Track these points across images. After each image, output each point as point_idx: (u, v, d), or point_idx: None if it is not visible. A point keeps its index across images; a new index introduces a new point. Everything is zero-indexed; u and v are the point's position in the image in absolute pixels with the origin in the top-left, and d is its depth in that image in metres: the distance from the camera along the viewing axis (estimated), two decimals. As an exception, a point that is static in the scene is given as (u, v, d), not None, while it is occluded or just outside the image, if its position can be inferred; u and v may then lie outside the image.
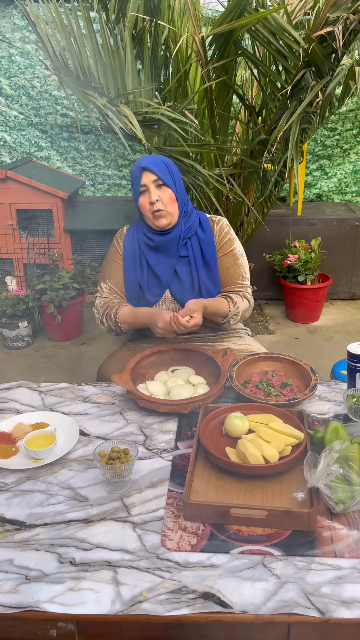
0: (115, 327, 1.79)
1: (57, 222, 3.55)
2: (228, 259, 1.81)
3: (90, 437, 1.44)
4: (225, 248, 1.81)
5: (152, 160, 1.70)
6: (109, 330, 1.82)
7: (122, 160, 4.05)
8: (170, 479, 1.27)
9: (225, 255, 1.81)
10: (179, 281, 1.80)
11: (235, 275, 1.82)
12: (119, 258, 1.84)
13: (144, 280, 1.80)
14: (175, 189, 1.72)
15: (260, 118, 2.82)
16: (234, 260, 1.82)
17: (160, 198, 1.69)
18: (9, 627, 1.02)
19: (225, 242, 1.82)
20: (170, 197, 1.71)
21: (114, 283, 1.84)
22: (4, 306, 3.19)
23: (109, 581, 1.00)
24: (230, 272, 1.81)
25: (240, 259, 1.84)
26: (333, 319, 3.57)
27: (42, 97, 3.88)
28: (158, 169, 1.69)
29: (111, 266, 1.85)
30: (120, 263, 1.83)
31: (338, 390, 1.62)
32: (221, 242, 1.81)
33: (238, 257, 1.83)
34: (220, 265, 1.81)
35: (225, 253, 1.81)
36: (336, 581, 0.99)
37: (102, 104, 2.11)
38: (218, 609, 0.95)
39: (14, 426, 1.46)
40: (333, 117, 3.84)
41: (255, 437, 1.31)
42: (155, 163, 1.70)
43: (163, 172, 1.69)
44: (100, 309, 1.82)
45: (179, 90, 2.74)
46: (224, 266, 1.81)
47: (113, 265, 1.84)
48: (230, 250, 1.82)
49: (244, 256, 1.86)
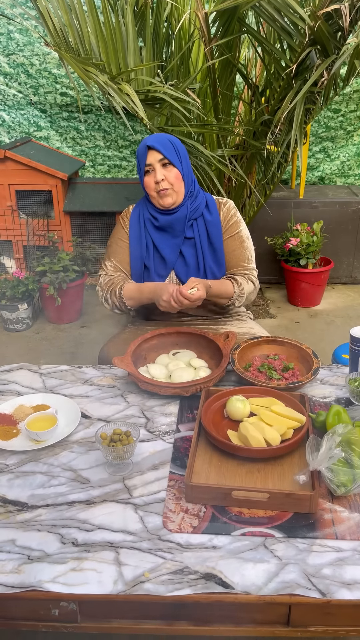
0: (120, 303, 1.77)
1: (57, 204, 3.51)
2: (234, 242, 1.80)
3: (92, 419, 1.43)
4: (231, 230, 1.80)
5: (158, 139, 1.68)
6: (113, 307, 1.80)
7: (123, 141, 3.99)
8: (171, 461, 1.27)
9: (231, 238, 1.80)
10: (184, 263, 1.78)
11: (241, 258, 1.80)
12: (124, 237, 1.82)
13: (150, 261, 1.79)
14: (181, 168, 1.70)
15: (263, 98, 2.78)
16: (240, 242, 1.80)
17: (166, 177, 1.68)
18: (12, 607, 1.03)
19: (232, 225, 1.80)
20: (176, 176, 1.69)
21: (118, 261, 1.82)
22: (4, 288, 3.18)
23: (111, 562, 1.01)
24: (236, 254, 1.80)
25: (246, 241, 1.82)
26: (334, 303, 3.56)
27: (42, 76, 3.81)
28: (164, 147, 1.67)
29: (116, 244, 1.83)
30: (125, 242, 1.82)
31: (340, 374, 1.62)
32: (227, 224, 1.80)
33: (244, 240, 1.82)
34: (226, 248, 1.80)
35: (231, 235, 1.80)
36: (337, 563, 1.00)
37: (104, 82, 2.07)
38: (219, 590, 0.96)
39: (15, 408, 1.46)
40: (337, 98, 3.78)
41: (257, 420, 1.31)
42: (161, 142, 1.68)
43: (169, 150, 1.67)
44: (104, 286, 1.80)
45: (181, 69, 2.69)
46: (229, 248, 1.80)
47: (118, 243, 1.83)
48: (237, 233, 1.80)
49: (250, 239, 1.85)
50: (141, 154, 1.70)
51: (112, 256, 1.83)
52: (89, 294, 3.62)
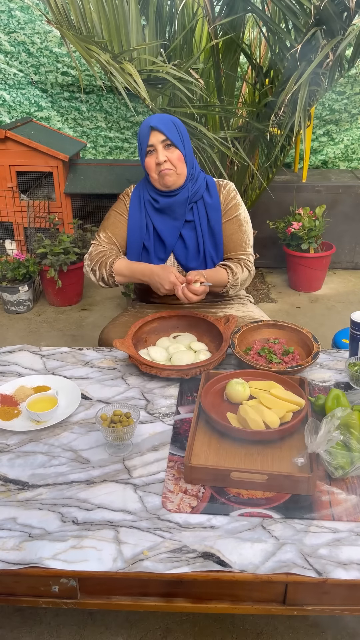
0: (109, 277, 1.72)
1: (58, 185, 3.48)
2: (232, 225, 1.79)
3: (92, 400, 1.44)
4: (230, 213, 1.79)
5: (161, 120, 1.66)
6: (99, 279, 1.74)
7: (125, 122, 3.95)
8: (171, 442, 1.28)
9: (229, 221, 1.79)
10: (184, 245, 1.78)
11: (239, 242, 1.79)
12: (124, 212, 1.81)
13: (150, 243, 1.78)
14: (183, 149, 1.69)
15: (267, 79, 2.74)
16: (239, 226, 1.79)
17: (168, 158, 1.66)
18: (13, 583, 1.05)
19: (231, 207, 1.79)
20: (178, 157, 1.68)
21: (113, 234, 1.79)
22: (4, 270, 3.17)
23: (110, 540, 1.02)
24: (234, 238, 1.79)
25: (244, 225, 1.81)
26: (335, 288, 3.55)
27: (43, 54, 3.76)
28: (167, 128, 1.65)
29: (114, 217, 1.81)
30: (125, 217, 1.80)
31: (340, 359, 1.62)
32: (227, 206, 1.79)
33: (242, 224, 1.80)
34: (225, 231, 1.78)
35: (229, 218, 1.79)
36: (334, 543, 1.01)
37: (106, 61, 2.04)
38: (217, 568, 0.97)
39: (15, 389, 1.47)
40: (342, 80, 3.73)
41: (257, 403, 1.31)
42: (164, 122, 1.66)
43: (172, 131, 1.66)
44: (94, 256, 1.75)
45: (185, 49, 2.65)
46: (228, 232, 1.79)
47: (117, 217, 1.81)
48: (235, 216, 1.79)
49: (249, 222, 1.83)
50: (143, 134, 1.68)
51: (108, 228, 1.80)
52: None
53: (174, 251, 1.79)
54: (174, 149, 1.67)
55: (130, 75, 2.08)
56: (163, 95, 2.56)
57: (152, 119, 1.67)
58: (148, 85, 2.33)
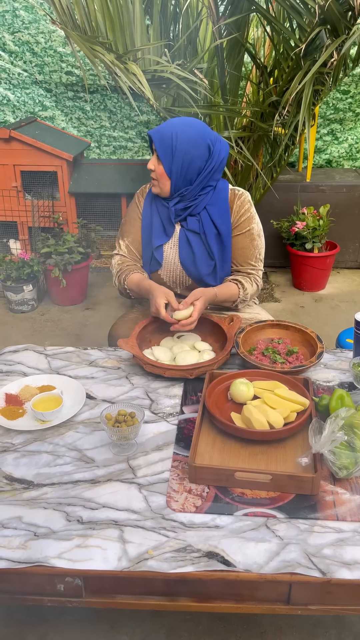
0: (123, 290, 1.80)
1: (62, 185, 3.49)
2: (244, 239, 1.76)
3: (97, 400, 1.45)
4: (242, 227, 1.75)
5: (161, 131, 1.64)
6: (120, 292, 1.83)
7: (129, 121, 3.95)
8: (175, 442, 1.28)
9: (242, 235, 1.75)
10: (191, 252, 1.75)
11: (250, 257, 1.77)
12: (138, 215, 1.81)
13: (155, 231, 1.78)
14: (169, 167, 1.64)
15: (272, 79, 2.74)
16: (251, 240, 1.76)
17: (155, 168, 1.66)
18: (18, 582, 1.06)
19: (244, 221, 1.75)
20: (161, 173, 1.66)
21: (131, 241, 1.81)
22: (9, 269, 3.18)
23: (115, 539, 1.03)
24: (245, 252, 1.76)
25: (257, 239, 1.77)
26: (339, 287, 3.55)
27: (47, 54, 3.76)
28: (160, 141, 1.63)
29: (130, 224, 1.82)
30: (138, 220, 1.80)
31: (344, 359, 1.62)
32: (240, 219, 1.74)
33: (255, 238, 1.77)
34: (235, 244, 1.75)
35: (242, 232, 1.75)
36: (338, 543, 1.01)
37: (110, 61, 2.04)
38: (221, 567, 0.98)
39: (20, 388, 1.47)
40: (346, 79, 3.72)
41: (261, 403, 1.32)
42: (161, 134, 1.63)
43: (163, 146, 1.62)
44: (116, 267, 1.82)
45: (189, 48, 2.65)
46: (239, 245, 1.76)
47: (132, 222, 1.82)
48: (248, 230, 1.75)
49: (262, 237, 1.79)
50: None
51: (125, 235, 1.82)
52: (94, 276, 3.62)
53: (181, 258, 1.77)
54: (160, 164, 1.65)
55: (135, 75, 2.08)
56: (167, 95, 2.56)
57: (162, 125, 1.66)
58: (152, 85, 2.33)
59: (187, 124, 1.65)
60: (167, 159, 1.64)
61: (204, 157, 1.65)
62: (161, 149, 1.63)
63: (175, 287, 1.84)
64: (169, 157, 1.63)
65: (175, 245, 1.78)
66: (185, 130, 1.62)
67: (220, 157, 1.68)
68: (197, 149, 1.63)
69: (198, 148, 1.63)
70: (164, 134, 1.63)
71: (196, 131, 1.63)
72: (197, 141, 1.63)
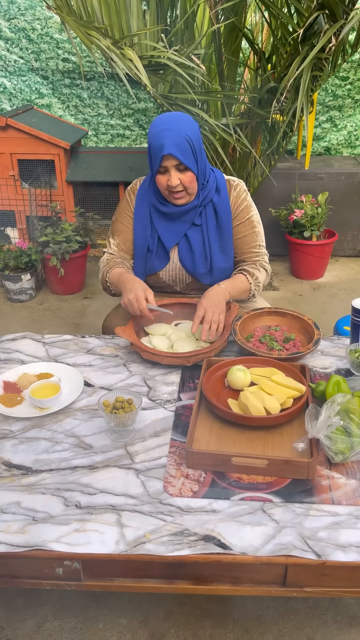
0: (105, 285, 1.76)
1: (60, 173, 3.47)
2: (244, 227, 1.74)
3: (95, 387, 1.45)
4: (241, 216, 1.73)
5: (176, 143, 1.54)
6: (104, 288, 1.78)
7: (126, 109, 3.92)
8: (173, 428, 1.29)
9: (241, 224, 1.74)
10: (189, 248, 1.73)
11: (252, 244, 1.75)
12: (129, 213, 1.77)
13: (153, 244, 1.75)
14: (196, 168, 1.60)
15: (270, 65, 2.71)
16: (251, 228, 1.75)
17: (181, 181, 1.60)
18: (18, 566, 1.07)
19: (242, 210, 1.73)
20: (191, 179, 1.60)
21: (121, 240, 1.78)
22: (7, 258, 3.17)
23: (113, 523, 1.04)
24: (247, 240, 1.75)
25: (257, 226, 1.76)
26: (337, 275, 3.55)
27: (43, 41, 3.72)
28: (182, 153, 1.55)
29: (120, 222, 1.78)
30: (130, 218, 1.77)
31: (341, 346, 1.63)
32: (237, 209, 1.73)
33: (255, 225, 1.75)
34: (236, 234, 1.74)
35: (241, 221, 1.74)
36: (333, 526, 1.03)
37: (106, 46, 2.02)
38: (218, 551, 0.99)
39: (19, 376, 1.48)
40: (345, 65, 3.69)
41: (257, 390, 1.32)
42: (179, 145, 1.54)
43: (186, 155, 1.56)
44: (104, 263, 1.78)
45: (186, 34, 2.62)
46: (240, 234, 1.74)
47: (122, 220, 1.78)
48: (247, 219, 1.74)
49: (260, 223, 1.78)
50: (155, 151, 1.57)
51: (116, 234, 1.79)
52: (92, 265, 3.62)
53: (179, 254, 1.75)
54: (188, 171, 1.59)
55: (131, 61, 2.06)
56: (164, 82, 2.54)
57: (166, 141, 1.53)
58: (149, 72, 2.31)
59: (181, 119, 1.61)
60: (193, 162, 1.59)
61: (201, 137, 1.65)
62: (186, 158, 1.56)
63: (175, 285, 1.83)
64: (194, 160, 1.59)
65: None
66: (187, 125, 1.59)
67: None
68: (199, 134, 1.63)
69: (198, 132, 1.63)
70: (180, 144, 1.55)
71: (190, 120, 1.63)
72: (197, 128, 1.63)
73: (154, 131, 1.58)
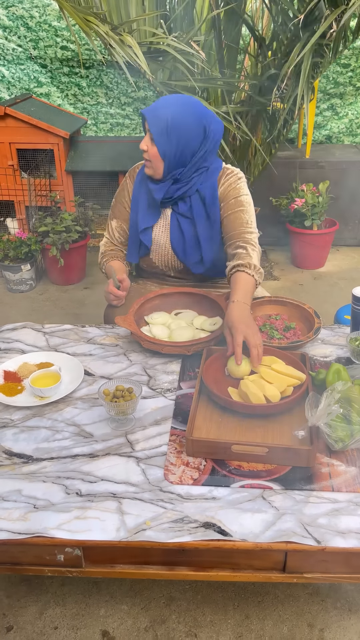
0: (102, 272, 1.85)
1: (59, 163, 3.45)
2: (231, 206, 1.67)
3: (95, 376, 1.45)
4: (229, 196, 1.68)
5: (155, 111, 1.57)
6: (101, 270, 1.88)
7: (125, 98, 3.89)
8: (173, 417, 1.29)
9: (227, 204, 1.68)
10: (181, 235, 1.72)
11: (238, 220, 1.66)
12: (127, 197, 1.79)
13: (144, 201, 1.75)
14: (164, 148, 1.58)
15: (270, 51, 2.69)
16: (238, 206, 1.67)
17: (148, 148, 1.61)
18: (19, 553, 1.07)
19: (230, 191, 1.68)
20: (154, 154, 1.60)
21: (119, 223, 1.82)
22: (6, 249, 3.17)
23: (113, 511, 1.04)
24: (232, 217, 1.67)
25: (246, 206, 1.69)
26: (338, 265, 3.54)
27: (42, 28, 3.69)
28: (154, 122, 1.56)
29: (119, 205, 1.81)
30: (128, 202, 1.79)
31: (341, 334, 1.63)
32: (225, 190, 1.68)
33: (243, 204, 1.68)
34: (223, 213, 1.69)
35: (228, 201, 1.68)
36: (332, 513, 1.03)
37: (105, 32, 2.00)
38: (218, 537, 0.99)
39: (19, 365, 1.48)
40: (346, 52, 3.65)
41: (257, 378, 1.32)
42: (155, 114, 1.56)
43: (157, 127, 1.56)
44: (102, 247, 1.86)
45: (185, 20, 2.60)
46: (226, 213, 1.68)
47: (122, 203, 1.81)
48: (235, 198, 1.67)
49: (252, 205, 1.72)
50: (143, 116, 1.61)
51: (115, 217, 1.83)
52: (92, 255, 3.61)
53: (172, 242, 1.74)
54: (153, 145, 1.59)
55: (130, 47, 2.04)
56: (164, 69, 2.52)
57: (154, 105, 1.59)
58: (148, 58, 2.29)
59: (183, 103, 1.59)
60: (161, 141, 1.57)
61: (199, 138, 1.60)
62: (155, 130, 1.56)
63: (168, 271, 1.83)
64: (163, 139, 1.57)
65: (167, 228, 1.75)
66: (181, 111, 1.56)
67: (216, 139, 1.63)
68: (193, 131, 1.57)
69: (194, 130, 1.58)
70: (158, 114, 1.56)
71: (192, 111, 1.58)
72: (193, 123, 1.57)
73: None
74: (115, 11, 2.31)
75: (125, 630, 1.44)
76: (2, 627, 1.45)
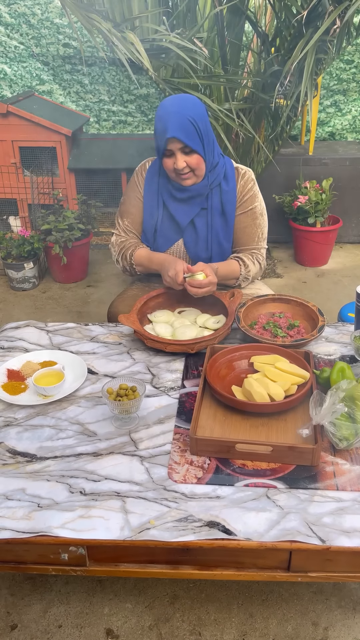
0: (130, 268, 1.78)
1: (61, 161, 3.45)
2: (247, 218, 1.73)
3: (98, 375, 1.45)
4: (245, 205, 1.72)
5: (180, 125, 1.53)
6: (124, 270, 1.81)
7: (128, 95, 3.88)
8: (177, 415, 1.29)
9: (244, 214, 1.73)
10: (194, 231, 1.73)
11: (252, 236, 1.75)
12: (138, 195, 1.77)
13: (161, 224, 1.74)
14: (203, 150, 1.59)
15: (273, 48, 2.68)
16: (253, 219, 1.74)
17: (187, 162, 1.59)
18: (23, 552, 1.07)
19: (247, 199, 1.72)
20: (197, 161, 1.60)
21: (130, 222, 1.79)
22: (9, 247, 3.17)
23: (117, 510, 1.04)
24: (248, 231, 1.74)
25: (259, 218, 1.75)
26: (342, 262, 3.53)
27: (44, 26, 3.68)
28: (186, 135, 1.54)
29: (129, 203, 1.79)
30: (140, 200, 1.77)
31: (345, 332, 1.62)
32: (243, 198, 1.72)
33: (257, 217, 1.74)
34: (238, 224, 1.73)
35: (244, 211, 1.73)
36: (337, 512, 1.03)
37: (107, 29, 1.99)
38: (222, 536, 0.99)
39: (22, 364, 1.48)
40: (350, 49, 3.63)
41: (261, 377, 1.32)
42: (184, 128, 1.53)
43: (191, 137, 1.55)
44: (116, 247, 1.80)
45: (188, 16, 2.58)
46: (241, 224, 1.73)
47: (132, 202, 1.78)
48: (251, 209, 1.73)
49: (264, 215, 1.77)
50: (160, 134, 1.57)
51: (125, 215, 1.79)
52: (95, 253, 3.61)
53: (184, 238, 1.75)
54: (194, 154, 1.59)
55: (133, 44, 2.03)
56: (166, 66, 2.51)
57: (170, 122, 1.53)
58: (151, 56, 2.28)
59: (185, 101, 1.60)
60: (199, 145, 1.58)
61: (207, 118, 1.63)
62: (191, 140, 1.56)
63: None
64: (200, 142, 1.58)
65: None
66: (192, 107, 1.58)
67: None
68: (205, 115, 1.61)
69: (205, 114, 1.61)
70: (184, 126, 1.54)
71: (195, 101, 1.61)
72: (203, 109, 1.61)
73: (159, 114, 1.58)
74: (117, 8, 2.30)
75: (129, 628, 1.44)
76: (6, 626, 1.45)
